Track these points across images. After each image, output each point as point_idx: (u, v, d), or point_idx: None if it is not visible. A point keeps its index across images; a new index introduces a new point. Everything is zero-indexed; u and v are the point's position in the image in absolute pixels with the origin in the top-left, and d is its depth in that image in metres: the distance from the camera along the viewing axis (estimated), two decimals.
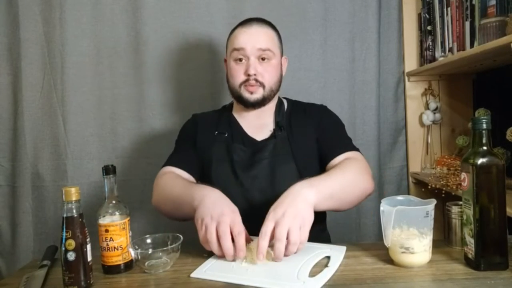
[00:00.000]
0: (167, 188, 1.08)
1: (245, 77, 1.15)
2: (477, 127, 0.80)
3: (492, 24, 1.18)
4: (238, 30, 1.17)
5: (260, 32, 1.16)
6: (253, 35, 1.15)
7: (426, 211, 0.81)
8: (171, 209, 1.07)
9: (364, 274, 0.80)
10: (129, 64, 1.62)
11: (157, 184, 1.13)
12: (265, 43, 1.15)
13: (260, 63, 1.15)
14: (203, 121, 1.26)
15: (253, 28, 1.16)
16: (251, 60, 1.14)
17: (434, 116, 1.70)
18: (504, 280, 0.74)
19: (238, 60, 1.15)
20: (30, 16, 1.57)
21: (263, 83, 1.15)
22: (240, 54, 1.14)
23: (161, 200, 1.10)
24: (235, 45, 1.15)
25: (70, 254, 0.77)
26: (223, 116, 1.26)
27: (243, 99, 1.17)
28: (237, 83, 1.16)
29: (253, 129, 1.21)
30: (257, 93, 1.15)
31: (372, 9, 1.67)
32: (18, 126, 1.59)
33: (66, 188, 0.79)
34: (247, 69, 1.14)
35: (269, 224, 0.85)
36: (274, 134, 1.18)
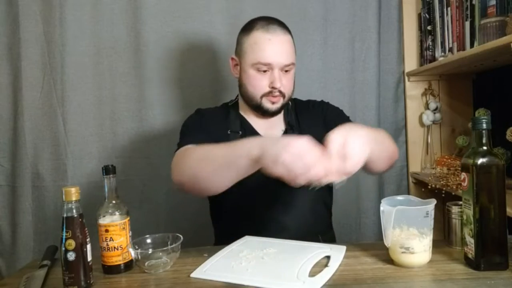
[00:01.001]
0: (205, 156, 0.93)
1: (269, 89, 1.12)
2: (477, 127, 0.79)
3: (492, 24, 1.18)
4: (262, 37, 1.11)
5: (285, 43, 1.12)
6: (279, 47, 1.11)
7: (426, 211, 0.81)
8: (212, 174, 0.91)
9: (364, 274, 0.80)
10: (129, 64, 1.62)
11: (186, 157, 0.99)
12: (290, 57, 1.13)
13: (283, 74, 1.13)
14: (213, 117, 1.21)
15: (279, 37, 1.11)
16: (276, 72, 1.11)
17: (434, 116, 1.70)
18: (504, 280, 0.74)
19: (262, 71, 1.11)
20: (30, 16, 1.56)
21: (284, 94, 1.14)
22: (266, 67, 1.11)
23: (197, 170, 0.93)
24: (260, 58, 1.10)
25: (70, 254, 0.77)
26: (232, 114, 1.22)
27: (262, 109, 1.15)
28: (259, 93, 1.13)
29: (264, 129, 1.20)
30: (278, 103, 1.15)
31: (372, 9, 1.68)
32: (18, 126, 1.59)
33: (66, 188, 0.79)
34: (273, 82, 1.11)
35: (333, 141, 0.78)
36: (285, 134, 1.19)
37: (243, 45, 1.15)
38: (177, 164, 1.00)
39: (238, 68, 1.18)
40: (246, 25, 1.17)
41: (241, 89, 1.18)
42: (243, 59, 1.15)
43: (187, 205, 1.64)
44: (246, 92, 1.16)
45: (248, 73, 1.13)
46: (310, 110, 1.26)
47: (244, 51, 1.14)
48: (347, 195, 1.69)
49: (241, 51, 1.15)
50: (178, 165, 1.00)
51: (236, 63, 1.19)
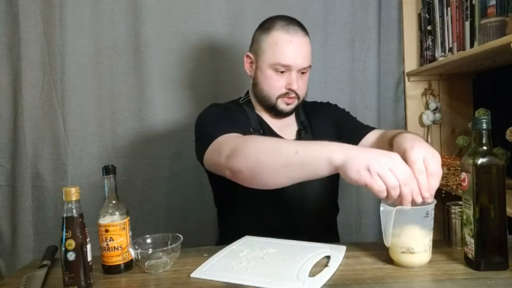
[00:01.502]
0: (276, 149, 0.86)
1: (286, 90, 1.12)
2: (477, 127, 0.79)
3: (492, 24, 1.18)
4: (283, 37, 1.10)
5: (304, 45, 1.12)
6: (300, 50, 1.11)
7: (426, 211, 0.81)
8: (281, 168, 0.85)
9: (364, 274, 0.80)
10: (129, 64, 1.62)
11: (248, 144, 0.91)
12: (308, 60, 1.13)
13: (300, 76, 1.13)
14: (235, 112, 1.17)
15: (299, 39, 1.11)
16: (294, 74, 1.11)
17: (434, 116, 1.70)
18: (504, 280, 0.74)
19: (279, 72, 1.11)
20: (30, 16, 1.56)
21: (299, 95, 1.15)
22: (284, 68, 1.11)
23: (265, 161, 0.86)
24: (280, 59, 1.10)
25: (70, 254, 0.77)
26: (250, 112, 1.20)
27: (276, 109, 1.15)
28: (276, 94, 1.13)
29: (279, 129, 1.19)
30: (292, 104, 1.15)
31: (372, 9, 1.68)
32: (18, 126, 1.59)
33: (66, 188, 0.79)
34: (290, 83, 1.11)
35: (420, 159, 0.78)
36: (299, 134, 1.19)
37: (261, 44, 1.14)
38: (236, 150, 0.90)
39: (253, 66, 1.17)
40: (265, 23, 1.16)
41: (255, 88, 1.17)
42: (260, 58, 1.14)
43: (187, 205, 1.64)
44: (261, 92, 1.15)
45: (265, 73, 1.13)
46: (319, 111, 1.27)
47: (263, 50, 1.13)
48: (347, 195, 1.69)
49: (259, 50, 1.14)
50: (236, 150, 0.90)
51: (251, 61, 1.18)
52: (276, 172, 0.85)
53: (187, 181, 1.64)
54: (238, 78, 1.64)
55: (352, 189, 1.70)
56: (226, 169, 0.92)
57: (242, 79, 1.64)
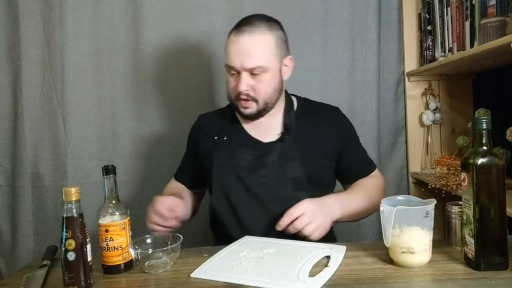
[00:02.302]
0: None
1: (236, 92, 1.09)
2: (477, 127, 0.79)
3: (492, 24, 1.18)
4: (231, 39, 1.09)
5: (251, 45, 1.05)
6: (242, 50, 1.05)
7: (426, 211, 0.81)
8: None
9: (364, 274, 0.80)
10: (129, 64, 1.62)
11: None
12: (255, 61, 1.05)
13: (253, 77, 1.07)
14: (206, 124, 1.24)
15: (244, 38, 1.05)
16: (242, 75, 1.07)
17: (434, 116, 1.70)
18: (504, 280, 0.74)
19: (231, 74, 1.09)
20: (30, 16, 1.57)
21: (255, 98, 1.09)
22: (231, 70, 1.08)
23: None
24: (227, 61, 1.09)
25: (70, 254, 0.77)
26: (225, 117, 1.21)
27: (240, 112, 1.14)
28: (232, 97, 1.13)
29: (259, 131, 1.17)
30: (251, 108, 1.11)
31: (372, 9, 1.67)
32: (18, 126, 1.59)
33: (66, 188, 0.79)
34: (236, 85, 1.08)
35: (297, 212, 0.98)
36: (282, 137, 1.15)
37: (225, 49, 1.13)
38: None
39: None
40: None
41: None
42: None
43: None
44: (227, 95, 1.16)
45: (226, 77, 1.13)
46: (320, 115, 1.21)
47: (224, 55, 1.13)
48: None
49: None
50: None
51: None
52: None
53: None
54: None
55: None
56: None
57: None
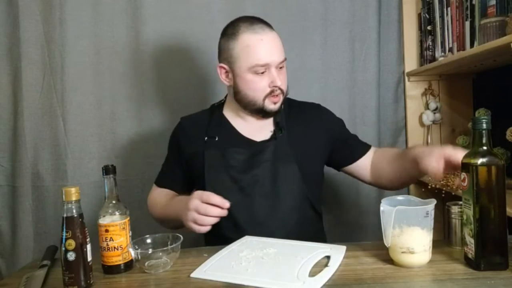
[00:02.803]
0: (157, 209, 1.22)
1: (270, 88, 1.11)
2: (477, 127, 0.79)
3: (492, 24, 1.18)
4: (253, 38, 1.08)
5: (275, 39, 1.11)
6: (272, 46, 1.10)
7: (426, 211, 0.81)
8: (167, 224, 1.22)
9: (364, 274, 0.80)
10: (129, 64, 1.62)
11: (149, 205, 1.27)
12: (283, 53, 1.13)
13: (279, 72, 1.12)
14: (190, 126, 1.23)
15: (268, 35, 1.10)
16: (273, 71, 1.10)
17: (434, 116, 1.70)
18: (504, 280, 0.74)
19: (259, 73, 1.10)
20: (30, 16, 1.56)
21: (283, 91, 1.14)
22: (263, 68, 1.09)
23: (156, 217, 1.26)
24: (258, 60, 1.08)
25: (70, 254, 0.77)
26: (213, 117, 1.21)
27: (264, 110, 1.14)
28: (262, 95, 1.11)
29: (251, 130, 1.18)
30: (279, 102, 1.14)
31: (372, 9, 1.67)
32: (18, 126, 1.59)
33: (66, 188, 0.79)
34: (273, 81, 1.10)
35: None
36: (274, 135, 1.16)
37: (232, 51, 1.11)
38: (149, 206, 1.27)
39: (230, 75, 1.14)
40: (227, 29, 1.14)
41: (238, 96, 1.14)
42: (236, 65, 1.11)
43: None
44: (246, 97, 1.13)
45: (245, 78, 1.11)
46: (305, 112, 1.23)
47: (236, 57, 1.10)
48: (348, 196, 1.70)
49: (231, 58, 1.11)
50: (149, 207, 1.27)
51: (226, 71, 1.15)
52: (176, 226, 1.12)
53: None
54: None
55: (352, 189, 1.70)
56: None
57: None
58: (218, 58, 1.18)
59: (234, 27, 1.12)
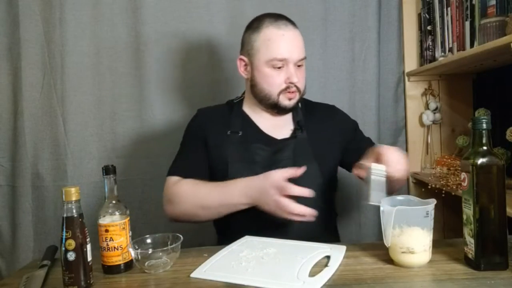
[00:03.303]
0: (200, 203, 1.08)
1: (286, 84, 1.12)
2: (477, 127, 0.79)
3: (492, 24, 1.18)
4: (275, 33, 1.11)
5: (297, 37, 1.13)
6: (293, 42, 1.12)
7: (426, 211, 0.81)
8: (209, 216, 1.12)
9: (364, 274, 0.80)
10: (129, 64, 1.62)
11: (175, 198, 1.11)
12: (303, 52, 1.14)
13: (297, 69, 1.13)
14: (213, 118, 1.21)
15: (291, 31, 1.12)
16: (291, 67, 1.11)
17: (434, 116, 1.70)
18: (504, 280, 0.74)
19: (277, 68, 1.11)
20: (30, 16, 1.57)
21: (299, 89, 1.15)
22: (281, 63, 1.10)
23: (191, 210, 1.09)
24: (276, 54, 1.10)
25: (70, 254, 0.77)
26: (234, 113, 1.21)
27: (279, 106, 1.14)
28: (277, 90, 1.12)
29: (271, 128, 1.18)
30: (295, 99, 1.15)
31: (372, 9, 1.68)
32: (18, 126, 1.59)
33: (66, 188, 0.79)
34: (290, 77, 1.11)
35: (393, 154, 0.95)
36: (294, 133, 1.18)
37: (254, 44, 1.13)
38: (171, 202, 1.12)
39: (248, 68, 1.17)
40: (252, 23, 1.16)
41: (254, 89, 1.16)
42: (255, 58, 1.13)
43: None
44: (262, 91, 1.14)
45: (262, 71, 1.12)
46: (320, 112, 1.25)
47: (257, 49, 1.13)
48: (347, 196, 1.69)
49: (252, 50, 1.14)
50: (172, 203, 1.11)
51: (245, 63, 1.17)
52: (207, 218, 1.12)
53: None
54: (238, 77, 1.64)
55: (352, 189, 1.70)
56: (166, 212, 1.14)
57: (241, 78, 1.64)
58: (240, 51, 1.20)
59: (259, 21, 1.15)
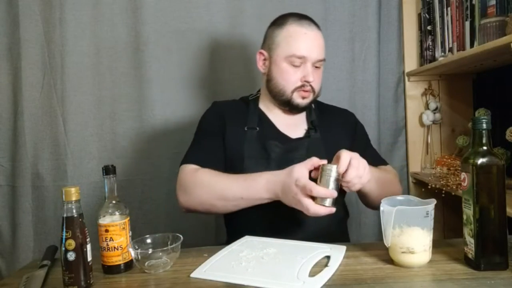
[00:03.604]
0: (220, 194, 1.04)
1: (301, 83, 1.13)
2: (477, 127, 0.79)
3: (492, 24, 1.18)
4: (298, 30, 1.12)
5: (318, 38, 1.14)
6: (314, 42, 1.13)
7: (426, 211, 0.81)
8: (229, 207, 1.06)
9: (364, 274, 0.80)
10: (129, 64, 1.62)
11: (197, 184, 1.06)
12: (322, 53, 1.15)
13: (314, 70, 1.14)
14: (231, 112, 1.20)
15: (313, 31, 1.13)
16: (309, 67, 1.12)
17: (434, 116, 1.70)
18: (504, 280, 0.74)
19: (295, 65, 1.12)
20: (30, 16, 1.56)
21: (314, 89, 1.15)
22: (300, 60, 1.12)
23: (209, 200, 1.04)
24: (295, 51, 1.11)
25: (70, 254, 0.77)
26: (251, 109, 1.21)
27: (291, 103, 1.15)
28: (292, 87, 1.13)
29: (285, 126, 1.19)
30: (308, 98, 1.16)
31: (372, 9, 1.68)
32: (18, 126, 1.59)
33: (66, 188, 0.79)
34: (306, 76, 1.12)
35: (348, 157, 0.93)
36: (308, 133, 1.19)
37: (276, 38, 1.15)
38: (188, 191, 1.06)
39: (267, 62, 1.18)
40: (278, 19, 1.18)
41: (270, 84, 1.17)
42: (275, 52, 1.15)
43: None
44: (276, 86, 1.15)
45: (280, 66, 1.14)
46: (334, 114, 1.27)
47: (277, 44, 1.14)
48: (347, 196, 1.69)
49: (273, 44, 1.15)
50: (189, 192, 1.06)
51: (264, 58, 1.19)
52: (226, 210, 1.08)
53: None
54: (238, 77, 1.65)
55: None
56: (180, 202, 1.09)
57: (241, 78, 1.65)
58: (261, 46, 1.22)
59: (284, 18, 1.17)
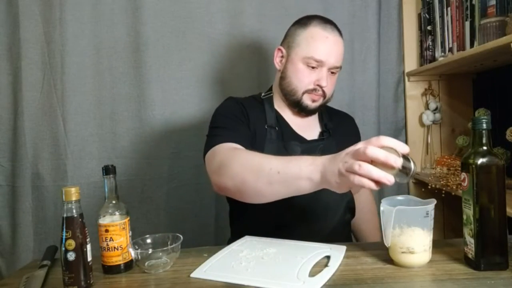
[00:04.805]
0: (259, 167, 0.88)
1: (314, 86, 1.13)
2: (477, 127, 0.79)
3: (492, 24, 1.18)
4: (320, 33, 1.12)
5: (339, 44, 1.14)
6: (334, 47, 1.12)
7: (426, 211, 0.81)
8: (265, 188, 0.87)
9: (364, 274, 0.80)
10: (129, 64, 1.62)
11: (233, 161, 0.93)
12: (340, 60, 1.14)
13: (329, 76, 1.14)
14: (250, 108, 1.17)
15: (335, 37, 1.13)
16: (325, 72, 1.12)
17: (434, 116, 1.70)
18: (504, 280, 0.74)
19: (311, 67, 1.12)
20: (30, 16, 1.56)
21: (326, 94, 1.15)
22: (316, 63, 1.11)
23: (241, 173, 0.90)
24: (314, 53, 1.10)
25: (70, 254, 0.77)
26: (268, 108, 1.20)
27: (300, 105, 1.15)
28: (303, 88, 1.13)
29: (300, 128, 1.19)
30: (318, 102, 1.15)
31: (372, 9, 1.68)
32: (18, 126, 1.59)
33: (66, 188, 0.79)
34: (320, 80, 1.12)
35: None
36: (322, 135, 1.20)
37: (297, 37, 1.14)
38: (222, 166, 0.94)
39: (284, 60, 1.17)
40: (302, 19, 1.18)
41: (283, 82, 1.17)
42: (293, 51, 1.14)
43: (187, 205, 1.64)
44: (289, 85, 1.15)
45: (296, 66, 1.13)
46: (342, 119, 1.28)
47: (297, 43, 1.14)
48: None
49: (293, 43, 1.14)
50: (223, 167, 0.94)
51: (282, 55, 1.18)
52: (262, 191, 0.88)
53: (187, 181, 1.64)
54: (238, 77, 1.65)
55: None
56: (213, 184, 0.98)
57: (242, 78, 1.65)
58: (281, 42, 1.21)
59: (308, 19, 1.16)
